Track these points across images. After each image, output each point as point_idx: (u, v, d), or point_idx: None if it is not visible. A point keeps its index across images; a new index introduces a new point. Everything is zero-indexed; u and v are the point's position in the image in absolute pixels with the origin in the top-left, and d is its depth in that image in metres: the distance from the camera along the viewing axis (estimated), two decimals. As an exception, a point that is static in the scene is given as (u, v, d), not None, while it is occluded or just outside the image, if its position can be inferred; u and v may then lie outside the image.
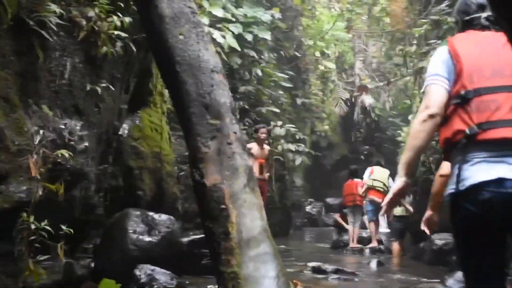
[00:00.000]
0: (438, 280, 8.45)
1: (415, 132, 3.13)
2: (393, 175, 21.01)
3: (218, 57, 3.72)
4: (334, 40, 23.85)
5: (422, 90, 3.41)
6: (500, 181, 2.83)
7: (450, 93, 3.07)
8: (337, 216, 15.33)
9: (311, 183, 25.73)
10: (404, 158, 3.21)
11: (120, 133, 8.27)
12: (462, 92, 3.00)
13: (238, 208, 3.13)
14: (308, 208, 24.97)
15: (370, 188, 13.15)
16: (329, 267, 9.25)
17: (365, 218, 13.99)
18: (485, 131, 2.88)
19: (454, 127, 2.99)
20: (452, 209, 3.04)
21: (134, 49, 6.64)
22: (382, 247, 13.25)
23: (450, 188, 3.04)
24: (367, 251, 13.20)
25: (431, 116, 3.05)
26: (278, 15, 16.15)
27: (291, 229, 18.62)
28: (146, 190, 8.86)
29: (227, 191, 3.12)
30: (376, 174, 13.32)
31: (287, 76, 16.77)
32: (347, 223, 14.43)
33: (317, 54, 23.04)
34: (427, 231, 5.18)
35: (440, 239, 10.96)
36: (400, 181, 3.20)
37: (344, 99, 25.97)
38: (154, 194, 9.02)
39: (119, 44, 5.97)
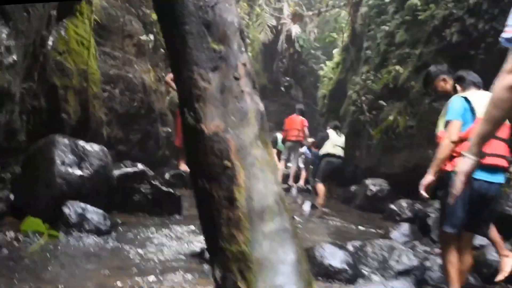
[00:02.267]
0: (382, 232, 8.03)
1: (497, 100, 2.57)
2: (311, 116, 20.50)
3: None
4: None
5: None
6: None
7: None
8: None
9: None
10: (480, 131, 2.76)
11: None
12: None
13: (248, 168, 2.32)
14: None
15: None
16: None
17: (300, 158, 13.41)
18: None
19: None
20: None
21: None
22: (309, 187, 12.80)
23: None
24: (294, 189, 12.72)
25: None
26: None
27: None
28: (70, 113, 7.80)
29: (233, 143, 2.30)
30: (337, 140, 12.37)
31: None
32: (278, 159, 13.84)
33: (246, -25, 21.84)
34: (426, 196, 4.76)
35: (374, 185, 10.58)
36: (470, 159, 2.89)
37: (270, 25, 24.97)
38: (79, 118, 7.98)
39: None
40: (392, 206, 9.25)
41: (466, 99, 4.91)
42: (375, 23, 14.65)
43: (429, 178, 4.84)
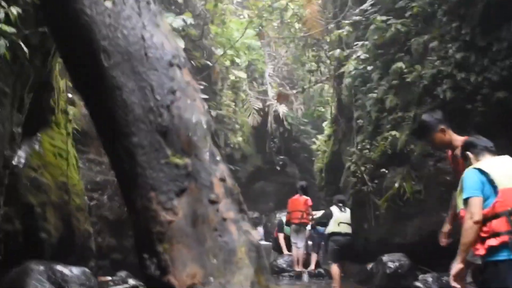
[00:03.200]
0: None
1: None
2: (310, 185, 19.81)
3: (177, 40, 2.10)
4: (244, 48, 22.44)
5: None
6: None
7: None
8: (280, 236, 13.39)
9: (227, 197, 24.12)
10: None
11: (14, 163, 6.35)
12: None
13: None
14: (226, 224, 23.41)
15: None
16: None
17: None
18: None
19: None
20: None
21: (27, 51, 4.78)
22: (322, 270, 11.82)
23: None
24: (305, 275, 11.75)
25: None
26: (190, 20, 14.38)
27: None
28: (51, 231, 7.00)
29: (219, 301, 1.46)
30: (341, 217, 11.53)
31: (202, 87, 15.10)
32: (287, 245, 12.88)
33: (227, 63, 21.56)
34: (458, 286, 4.01)
35: (393, 261, 9.68)
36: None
37: (257, 108, 24.61)
38: (61, 235, 7.17)
39: (2, 42, 4.12)
40: (418, 284, 8.29)
41: (481, 170, 4.21)
42: (362, 92, 14.10)
43: (458, 267, 4.11)
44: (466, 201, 4.11)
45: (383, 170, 12.51)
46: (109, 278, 8.85)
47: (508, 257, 3.96)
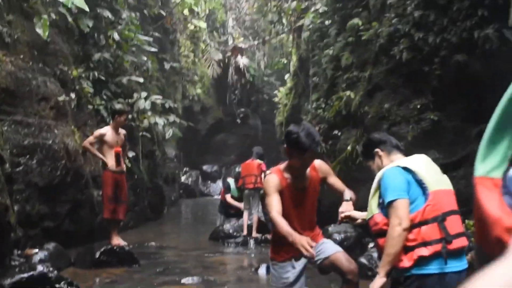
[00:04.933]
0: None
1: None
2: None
3: None
4: (203, -4, 21.40)
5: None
6: None
7: None
8: (228, 196, 12.72)
9: (186, 150, 23.38)
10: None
11: None
12: None
13: None
14: (183, 179, 22.78)
15: None
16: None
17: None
18: None
19: None
20: None
21: None
22: (268, 236, 11.20)
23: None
24: (251, 241, 11.18)
25: None
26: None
27: (165, 208, 16.24)
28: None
29: None
30: None
31: (150, 39, 14.13)
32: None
33: (186, 12, 20.51)
34: None
35: (339, 232, 9.18)
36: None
37: (217, 60, 23.68)
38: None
39: None
40: (362, 260, 7.71)
41: (406, 169, 3.51)
42: (319, 47, 13.34)
43: (380, 282, 3.45)
44: (390, 204, 3.39)
45: (337, 132, 11.89)
46: (36, 250, 8.13)
47: (439, 271, 3.33)
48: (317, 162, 4.54)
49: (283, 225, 3.92)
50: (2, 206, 7.00)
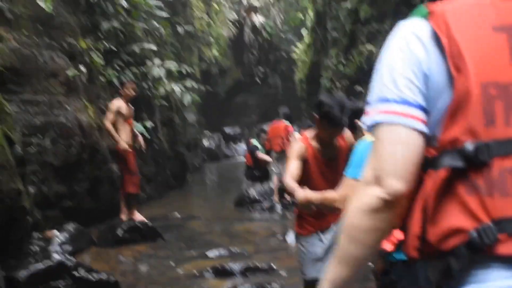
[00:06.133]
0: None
1: (355, 230, 1.41)
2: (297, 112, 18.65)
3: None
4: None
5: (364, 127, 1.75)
6: None
7: (433, 144, 1.32)
8: (258, 153, 12.19)
9: (206, 114, 22.95)
10: (331, 274, 1.51)
11: None
12: (468, 144, 1.25)
13: None
14: (206, 143, 22.45)
15: None
16: (235, 265, 6.75)
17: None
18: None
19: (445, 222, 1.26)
20: None
21: None
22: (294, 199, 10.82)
23: None
24: (278, 206, 10.82)
25: (389, 201, 1.33)
26: None
27: (188, 175, 15.93)
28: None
29: None
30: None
31: (160, 4, 13.57)
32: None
33: (197, -28, 19.88)
34: None
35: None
36: None
37: (232, 20, 23.03)
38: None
39: None
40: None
41: None
42: (335, 0, 12.71)
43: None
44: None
45: (359, 88, 11.38)
46: (56, 232, 7.86)
47: None
48: (345, 131, 4.23)
49: (290, 184, 3.83)
50: (14, 192, 6.68)
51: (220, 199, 13.11)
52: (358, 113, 3.65)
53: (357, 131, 3.69)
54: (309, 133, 4.30)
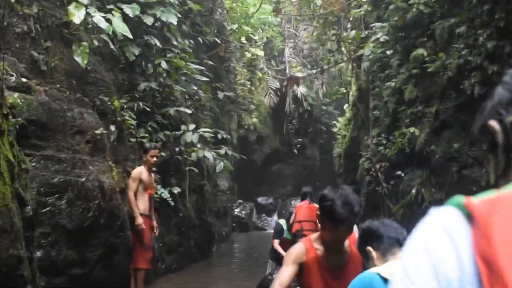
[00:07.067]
0: None
1: None
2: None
3: None
4: (260, 24, 20.57)
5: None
6: None
7: None
8: (276, 243, 10.54)
9: (240, 182, 22.35)
10: None
11: None
12: None
13: None
14: (237, 211, 21.78)
15: None
16: None
17: None
18: None
19: None
20: None
21: None
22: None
23: None
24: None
25: None
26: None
27: (214, 246, 15.21)
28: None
29: None
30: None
31: (202, 68, 13.27)
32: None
33: (243, 40, 19.74)
34: None
35: None
36: None
37: (274, 88, 22.76)
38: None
39: None
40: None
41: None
42: (379, 78, 12.20)
43: None
44: None
45: (399, 172, 10.71)
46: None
47: None
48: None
49: None
50: (13, 259, 6.11)
51: (244, 277, 12.24)
52: (372, 236, 2.91)
53: (368, 260, 2.91)
54: (314, 234, 3.64)
